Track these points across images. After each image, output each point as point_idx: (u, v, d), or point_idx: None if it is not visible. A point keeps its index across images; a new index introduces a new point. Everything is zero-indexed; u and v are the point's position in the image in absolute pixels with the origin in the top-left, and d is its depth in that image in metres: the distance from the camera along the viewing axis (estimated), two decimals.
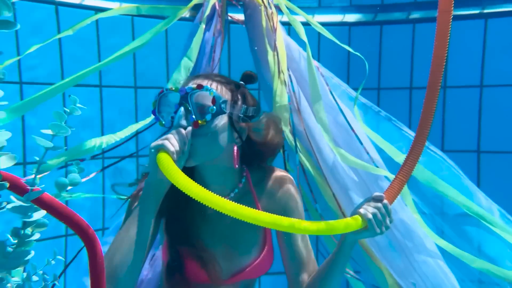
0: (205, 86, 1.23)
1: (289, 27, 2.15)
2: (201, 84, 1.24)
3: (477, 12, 2.56)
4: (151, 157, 1.12)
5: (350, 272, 1.98)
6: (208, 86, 1.24)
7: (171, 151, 1.10)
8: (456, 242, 1.81)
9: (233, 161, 1.29)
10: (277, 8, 2.01)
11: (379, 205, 1.21)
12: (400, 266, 1.74)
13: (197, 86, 1.23)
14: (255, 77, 1.42)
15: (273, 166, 1.50)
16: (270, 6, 1.96)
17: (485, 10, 2.54)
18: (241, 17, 2.10)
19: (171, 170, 1.03)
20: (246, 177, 1.41)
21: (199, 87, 1.22)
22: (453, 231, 1.84)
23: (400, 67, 2.69)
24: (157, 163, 1.08)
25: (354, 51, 2.01)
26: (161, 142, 1.12)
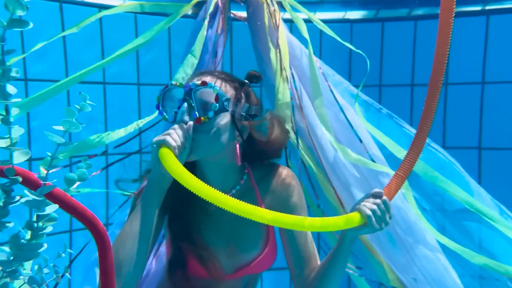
0: (209, 83, 1.24)
1: (291, 24, 2.16)
2: (205, 81, 1.25)
3: (479, 8, 2.56)
4: (153, 152, 1.14)
5: (351, 267, 1.99)
6: (212, 83, 1.25)
7: (173, 146, 1.12)
8: (456, 238, 1.83)
9: (235, 158, 1.31)
10: (279, 5, 2.02)
11: (378, 201, 1.22)
12: (401, 262, 1.75)
13: (201, 82, 1.24)
14: (260, 77, 1.43)
15: (275, 162, 1.51)
16: (273, 3, 1.97)
17: (487, 7, 2.54)
18: (243, 14, 2.11)
19: (173, 165, 1.05)
20: (248, 174, 1.43)
21: (203, 84, 1.23)
22: (453, 227, 1.86)
23: (401, 64, 2.69)
24: (159, 158, 1.10)
25: (355, 49, 2.02)
26: (163, 137, 1.13)
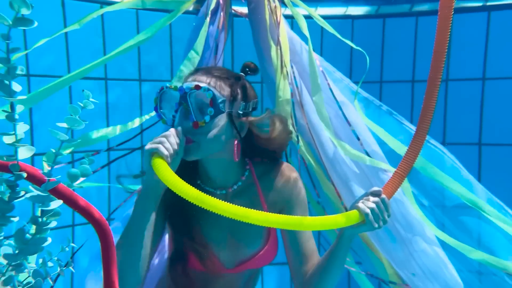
0: (202, 86, 1.23)
1: (292, 20, 2.16)
2: (198, 84, 1.24)
3: (480, 4, 2.56)
4: (146, 159, 1.14)
5: (351, 264, 2.01)
6: (206, 86, 1.24)
7: (166, 155, 1.12)
8: (455, 233, 1.84)
9: (238, 155, 1.32)
10: (280, 1, 2.02)
11: (377, 199, 1.23)
12: (400, 257, 1.77)
13: (195, 86, 1.23)
14: (256, 68, 1.42)
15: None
16: None
17: (488, 3, 2.54)
18: (245, 10, 2.11)
19: (167, 174, 1.06)
20: (250, 170, 1.44)
21: (197, 88, 1.23)
22: (452, 223, 1.87)
23: (402, 60, 2.69)
24: (152, 167, 1.11)
25: (355, 46, 2.02)
26: (155, 146, 1.13)
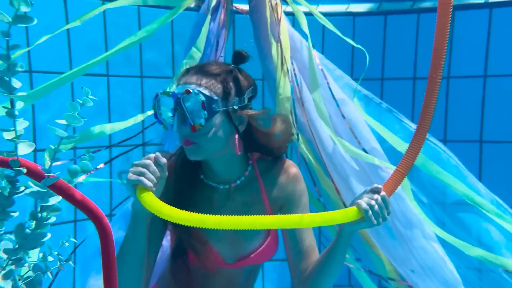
0: (193, 90, 1.22)
1: (293, 17, 2.16)
2: (188, 89, 1.23)
3: (482, 1, 2.55)
4: (130, 190, 1.13)
5: (351, 261, 2.02)
6: (195, 90, 1.23)
7: (149, 186, 1.11)
8: (454, 231, 1.84)
9: (240, 148, 1.32)
10: None
11: (377, 196, 1.23)
12: (399, 254, 1.77)
13: (185, 91, 1.22)
14: (246, 56, 1.40)
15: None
16: None
17: (490, 0, 2.54)
18: (246, 7, 2.11)
19: (156, 206, 1.05)
20: (253, 165, 1.44)
21: (187, 92, 1.22)
22: (451, 220, 1.87)
23: (404, 57, 2.69)
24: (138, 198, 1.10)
25: (355, 44, 2.02)
26: (137, 179, 1.11)
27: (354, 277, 2.20)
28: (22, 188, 0.76)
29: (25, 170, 0.74)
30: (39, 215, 0.77)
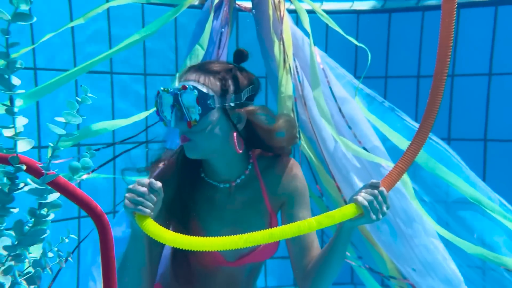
0: (188, 86, 1.24)
1: (296, 15, 2.16)
2: (184, 85, 1.25)
3: None
4: (129, 216, 1.17)
5: (352, 262, 2.02)
6: (191, 85, 1.25)
7: (148, 213, 1.14)
8: (455, 229, 1.84)
9: (240, 146, 1.32)
10: None
11: (375, 192, 1.22)
12: (400, 252, 1.77)
13: (182, 87, 1.24)
14: (246, 54, 1.41)
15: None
16: None
17: None
18: (249, 5, 2.12)
19: (157, 232, 1.10)
20: (253, 163, 1.44)
21: (184, 88, 1.24)
22: (452, 219, 1.87)
23: (408, 55, 2.68)
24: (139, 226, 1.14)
25: (357, 42, 2.01)
26: (134, 207, 1.14)
27: (357, 275, 2.19)
28: (22, 184, 0.77)
29: (24, 167, 0.75)
30: (38, 212, 0.78)
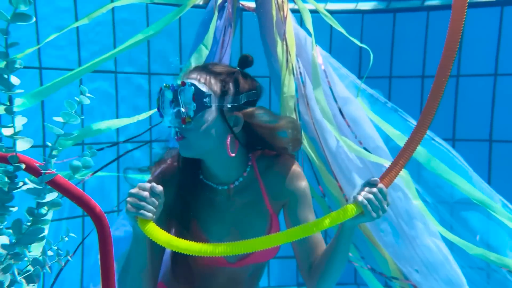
0: (187, 82, 1.25)
1: (300, 15, 2.16)
2: (184, 81, 1.26)
3: None
4: (131, 220, 1.18)
5: (355, 263, 2.01)
6: (189, 82, 1.26)
7: (150, 217, 1.16)
8: (458, 230, 1.83)
9: (233, 150, 1.32)
10: None
11: (375, 190, 1.21)
12: (403, 253, 1.76)
13: (181, 83, 1.25)
14: (251, 59, 1.40)
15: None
16: None
17: None
18: (252, 4, 2.12)
19: (159, 236, 1.12)
20: (252, 165, 1.42)
21: (183, 84, 1.25)
22: (455, 220, 1.86)
23: (412, 55, 2.66)
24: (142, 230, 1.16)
25: (360, 43, 2.01)
26: (136, 211, 1.16)
27: (360, 275, 2.19)
28: (21, 183, 0.77)
29: (23, 166, 0.75)
30: (36, 211, 0.78)
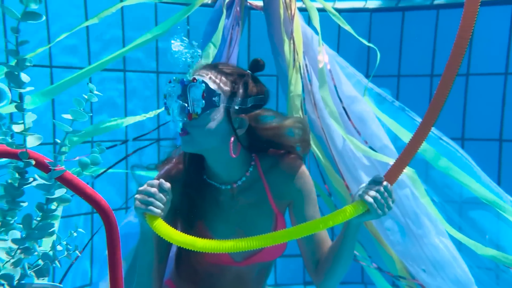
0: (198, 79, 1.25)
1: (308, 14, 2.15)
2: (195, 77, 1.26)
3: None
4: (140, 216, 1.20)
5: (362, 263, 2.01)
6: (201, 79, 1.25)
7: (158, 213, 1.17)
8: (465, 229, 1.82)
9: (236, 150, 1.32)
10: None
11: (380, 187, 1.22)
12: (410, 252, 1.76)
13: (192, 79, 1.25)
14: (262, 64, 1.41)
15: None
16: None
17: None
18: (260, 3, 2.12)
19: (167, 232, 1.14)
20: (255, 165, 1.42)
21: (194, 80, 1.25)
22: (463, 219, 1.85)
23: (421, 54, 2.65)
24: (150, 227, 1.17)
25: (367, 43, 2.00)
26: (145, 207, 1.17)
27: (367, 274, 2.19)
28: (31, 179, 0.79)
29: (33, 162, 0.77)
30: (45, 207, 0.80)
